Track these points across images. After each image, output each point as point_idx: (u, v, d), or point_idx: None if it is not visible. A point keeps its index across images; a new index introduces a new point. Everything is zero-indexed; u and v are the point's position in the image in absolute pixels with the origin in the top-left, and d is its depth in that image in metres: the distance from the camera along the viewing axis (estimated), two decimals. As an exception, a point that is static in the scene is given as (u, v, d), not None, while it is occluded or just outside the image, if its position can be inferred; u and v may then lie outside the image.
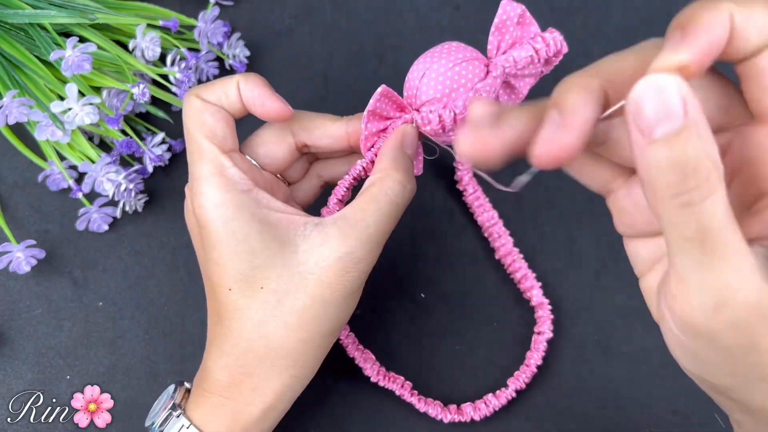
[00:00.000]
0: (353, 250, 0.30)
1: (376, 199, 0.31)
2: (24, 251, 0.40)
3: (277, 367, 0.31)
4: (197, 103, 0.32)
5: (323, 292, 0.30)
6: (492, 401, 0.40)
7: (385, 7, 0.46)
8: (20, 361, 0.41)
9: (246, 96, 0.32)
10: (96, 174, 0.39)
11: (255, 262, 0.30)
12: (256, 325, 0.30)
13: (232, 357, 0.31)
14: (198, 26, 0.41)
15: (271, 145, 0.34)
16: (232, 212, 0.30)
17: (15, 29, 0.39)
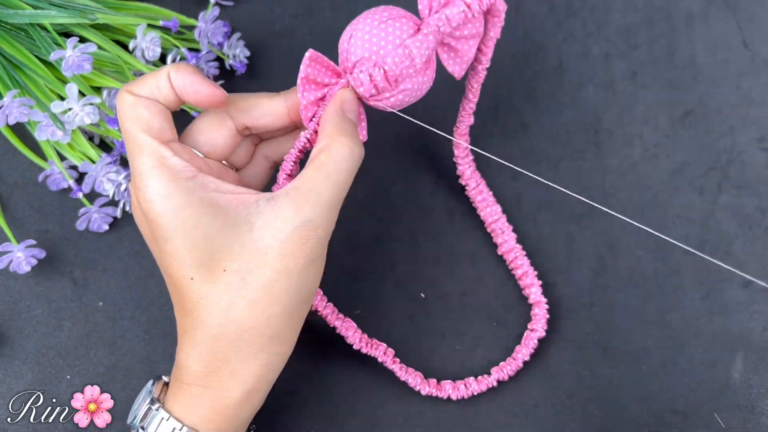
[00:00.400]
0: (309, 218, 0.30)
1: (325, 166, 0.30)
2: (24, 251, 0.40)
3: (253, 348, 0.30)
4: (129, 99, 0.31)
5: (286, 263, 0.30)
6: (472, 385, 0.40)
7: (385, 8, 0.46)
8: (20, 361, 0.41)
9: (178, 85, 0.31)
10: (96, 174, 0.39)
11: (212, 247, 0.30)
12: (224, 310, 0.30)
13: (205, 346, 0.31)
14: (198, 26, 0.41)
15: (210, 131, 0.33)
16: (180, 201, 0.30)
17: (15, 29, 0.39)
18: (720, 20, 0.45)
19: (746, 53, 0.45)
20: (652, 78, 0.45)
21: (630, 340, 0.41)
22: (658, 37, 0.45)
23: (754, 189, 0.43)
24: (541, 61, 0.45)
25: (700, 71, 0.45)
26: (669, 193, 0.43)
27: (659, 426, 0.40)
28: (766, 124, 0.44)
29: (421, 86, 0.32)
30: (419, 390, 0.39)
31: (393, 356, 0.40)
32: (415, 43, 0.30)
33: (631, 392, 0.41)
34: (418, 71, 0.31)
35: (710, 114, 0.44)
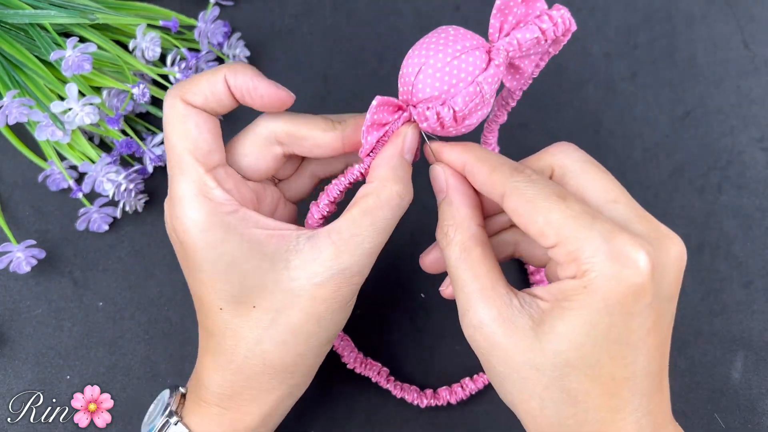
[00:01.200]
0: (347, 266, 0.29)
1: (372, 213, 0.29)
2: (24, 251, 0.40)
3: (275, 380, 0.31)
4: (181, 108, 0.30)
5: (317, 308, 0.29)
6: (468, 385, 0.40)
7: (385, 7, 0.46)
8: (20, 361, 0.41)
9: (237, 88, 0.30)
10: (96, 174, 0.39)
11: (245, 283, 0.29)
12: (251, 344, 0.30)
13: (228, 372, 0.31)
14: (198, 26, 0.41)
15: (256, 156, 0.32)
16: (219, 236, 0.29)
17: (15, 29, 0.39)
18: (720, 20, 0.45)
19: (746, 53, 0.45)
20: (652, 78, 0.45)
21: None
22: (658, 37, 0.45)
23: (754, 189, 0.43)
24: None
25: (700, 71, 0.45)
26: (669, 193, 0.43)
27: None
28: (766, 124, 0.44)
29: (483, 117, 0.31)
30: (417, 404, 0.39)
31: (387, 375, 0.40)
32: (486, 78, 0.29)
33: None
34: (486, 104, 0.30)
35: (710, 114, 0.44)
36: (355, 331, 0.40)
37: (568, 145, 0.30)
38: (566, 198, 0.27)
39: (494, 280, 0.28)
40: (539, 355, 0.26)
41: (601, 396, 0.26)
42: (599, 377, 0.26)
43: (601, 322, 0.26)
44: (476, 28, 0.45)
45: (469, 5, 0.46)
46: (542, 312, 0.27)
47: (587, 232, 0.26)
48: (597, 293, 0.25)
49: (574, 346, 0.26)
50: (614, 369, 0.26)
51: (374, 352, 0.41)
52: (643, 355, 0.27)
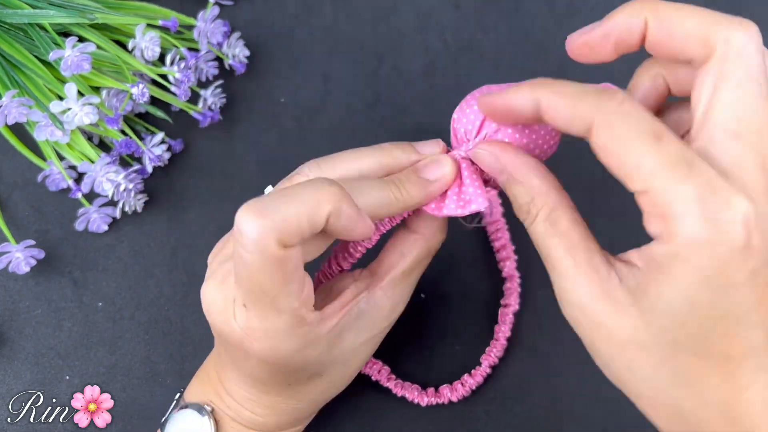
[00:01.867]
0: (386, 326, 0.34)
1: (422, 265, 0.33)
2: (23, 251, 0.40)
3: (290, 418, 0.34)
4: (276, 253, 0.25)
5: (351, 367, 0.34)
6: (468, 381, 0.40)
7: (385, 7, 0.46)
8: (20, 361, 0.41)
9: (336, 228, 0.27)
10: (95, 174, 0.39)
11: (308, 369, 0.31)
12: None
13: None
14: (197, 26, 0.41)
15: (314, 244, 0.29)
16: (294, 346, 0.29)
17: (14, 29, 0.39)
18: (720, 20, 0.45)
19: (746, 53, 0.45)
20: (652, 78, 0.44)
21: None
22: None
23: (754, 189, 0.43)
24: (541, 61, 0.45)
25: (701, 71, 0.45)
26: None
27: (659, 426, 0.40)
28: (766, 124, 0.44)
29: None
30: (418, 403, 0.39)
31: (388, 374, 0.40)
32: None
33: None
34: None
35: (710, 114, 0.44)
36: (355, 332, 0.40)
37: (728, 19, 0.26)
38: (662, 137, 0.23)
39: (589, 253, 0.26)
40: (643, 333, 0.24)
41: (718, 376, 0.24)
42: (711, 356, 0.24)
43: (701, 297, 0.23)
44: (476, 28, 0.45)
45: (469, 5, 0.46)
46: (640, 284, 0.24)
47: (680, 186, 0.22)
48: (690, 263, 0.23)
49: (678, 324, 0.23)
50: (727, 347, 0.23)
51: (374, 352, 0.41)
52: (760, 329, 0.23)
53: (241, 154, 0.44)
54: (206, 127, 0.43)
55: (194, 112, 0.42)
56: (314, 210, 0.26)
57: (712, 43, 0.24)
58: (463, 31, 0.45)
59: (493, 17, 0.45)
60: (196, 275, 0.42)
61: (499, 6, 0.45)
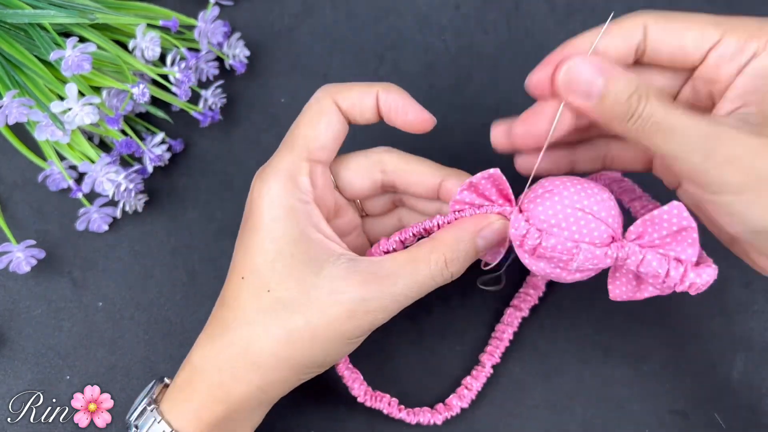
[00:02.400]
0: (369, 299, 0.30)
1: (415, 264, 0.30)
2: (24, 251, 0.40)
3: (246, 373, 0.31)
4: (327, 104, 0.32)
5: (319, 322, 0.30)
6: (472, 384, 0.40)
7: (385, 7, 0.46)
8: (20, 361, 0.41)
9: (387, 105, 0.32)
10: (96, 174, 0.39)
11: (275, 264, 0.30)
12: (246, 323, 0.30)
13: (216, 346, 0.31)
14: (198, 26, 0.41)
15: (357, 174, 0.33)
16: (282, 213, 0.30)
17: (15, 29, 0.39)
18: (720, 20, 0.45)
19: (746, 53, 0.45)
20: (652, 78, 0.45)
21: (630, 340, 0.41)
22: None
23: (754, 189, 0.43)
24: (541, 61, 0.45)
25: (701, 71, 0.45)
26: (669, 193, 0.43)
27: (659, 426, 0.40)
28: (766, 123, 0.44)
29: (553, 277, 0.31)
30: (434, 423, 0.39)
31: (398, 404, 0.39)
32: (592, 255, 0.29)
33: (631, 392, 0.41)
34: (569, 272, 0.30)
35: (710, 114, 0.44)
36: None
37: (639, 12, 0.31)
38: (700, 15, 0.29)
39: (702, 116, 0.28)
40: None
41: None
42: None
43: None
44: (476, 28, 0.46)
45: (469, 5, 0.46)
46: (754, 113, 0.28)
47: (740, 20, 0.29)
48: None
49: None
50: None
51: (374, 352, 0.41)
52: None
53: (241, 154, 0.44)
54: (206, 127, 0.43)
55: (194, 112, 0.42)
56: (366, 86, 0.32)
57: None
58: (463, 31, 0.45)
59: (493, 17, 0.45)
60: (196, 275, 0.42)
61: (499, 6, 0.45)
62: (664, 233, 0.29)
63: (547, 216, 0.29)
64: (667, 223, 0.28)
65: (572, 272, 0.30)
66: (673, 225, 0.28)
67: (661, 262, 0.29)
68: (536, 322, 0.42)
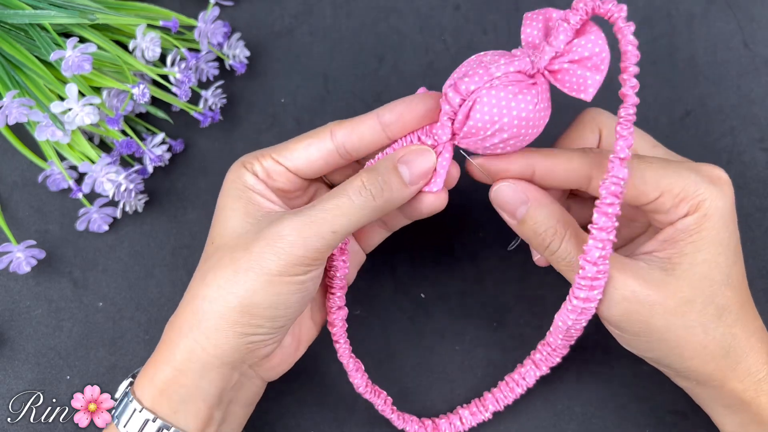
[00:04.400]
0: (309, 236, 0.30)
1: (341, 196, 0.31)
2: (24, 251, 0.40)
3: (189, 328, 0.31)
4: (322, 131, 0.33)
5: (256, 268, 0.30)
6: (467, 419, 0.39)
7: (385, 7, 0.46)
8: (20, 361, 0.41)
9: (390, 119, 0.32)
10: (96, 174, 0.39)
11: (234, 230, 0.32)
12: (196, 282, 0.32)
13: (176, 314, 0.33)
14: (198, 26, 0.41)
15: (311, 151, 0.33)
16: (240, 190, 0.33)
17: (15, 29, 0.39)
18: (720, 20, 0.45)
19: (746, 53, 0.45)
20: (652, 78, 0.45)
21: (630, 340, 0.41)
22: (658, 37, 0.45)
23: (754, 189, 0.43)
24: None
25: (700, 71, 0.45)
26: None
27: (659, 426, 0.40)
28: (766, 124, 0.44)
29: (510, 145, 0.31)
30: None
31: (392, 404, 0.39)
32: (536, 110, 0.30)
33: (631, 392, 0.41)
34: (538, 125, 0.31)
35: (710, 114, 0.44)
36: (355, 332, 0.40)
37: (598, 109, 0.35)
38: (643, 157, 0.31)
39: (615, 256, 0.31)
40: (687, 290, 0.30)
41: (740, 300, 0.31)
42: (734, 285, 0.31)
43: (724, 237, 0.31)
44: (476, 28, 0.45)
45: (469, 5, 0.46)
46: (666, 259, 0.31)
47: (681, 173, 0.31)
48: (716, 215, 0.30)
49: (713, 266, 0.30)
50: (739, 274, 0.32)
51: (374, 352, 0.41)
52: (741, 257, 0.32)
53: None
54: (207, 128, 0.44)
55: (195, 113, 0.42)
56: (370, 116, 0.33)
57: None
58: (463, 31, 0.45)
59: (493, 17, 0.45)
60: (196, 275, 0.42)
61: (499, 6, 0.45)
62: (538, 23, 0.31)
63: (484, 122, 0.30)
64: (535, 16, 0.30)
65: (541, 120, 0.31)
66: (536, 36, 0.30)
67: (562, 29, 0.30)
68: (535, 322, 0.42)
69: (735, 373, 0.31)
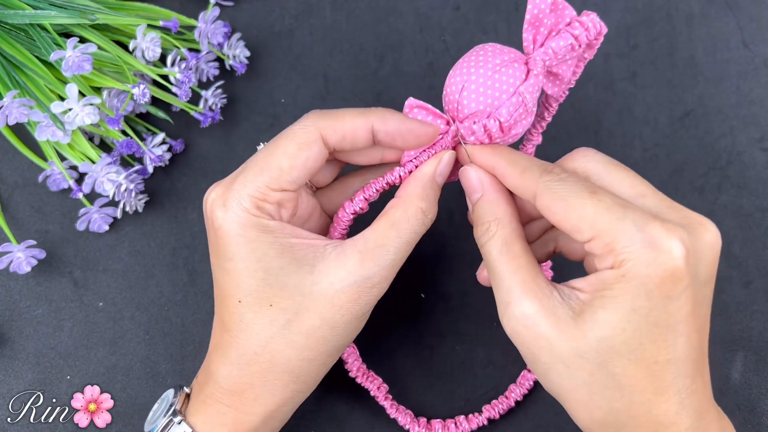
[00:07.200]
0: (370, 275, 0.30)
1: (398, 225, 0.31)
2: (24, 251, 0.40)
3: (280, 381, 0.31)
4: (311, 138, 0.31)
5: (333, 314, 0.30)
6: (462, 424, 0.39)
7: (385, 7, 0.46)
8: (20, 361, 0.41)
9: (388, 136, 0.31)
10: (96, 174, 0.39)
11: (268, 280, 0.30)
12: (262, 341, 0.31)
13: (236, 367, 0.31)
14: (198, 27, 0.41)
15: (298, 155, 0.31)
16: (254, 234, 0.30)
17: (15, 30, 0.39)
18: (720, 20, 0.45)
19: (746, 53, 0.45)
20: (652, 78, 0.45)
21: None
22: (658, 37, 0.45)
23: (753, 189, 0.43)
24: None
25: (700, 71, 0.45)
26: (669, 193, 0.43)
27: None
28: (766, 124, 0.44)
29: (528, 126, 0.32)
30: (408, 429, 0.39)
31: (386, 392, 0.39)
32: (528, 89, 0.30)
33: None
34: (529, 113, 0.31)
35: (710, 114, 0.44)
36: (355, 331, 0.40)
37: (588, 150, 0.31)
38: (597, 192, 0.28)
39: (535, 274, 0.29)
40: (583, 343, 0.27)
41: (645, 379, 0.27)
42: (642, 360, 0.27)
43: (641, 306, 0.26)
44: (476, 28, 0.46)
45: (469, 5, 0.46)
46: (582, 302, 0.28)
47: (620, 223, 0.27)
48: (635, 280, 0.26)
49: (617, 332, 0.27)
50: (656, 352, 0.27)
51: (374, 352, 0.41)
52: (684, 338, 0.27)
53: (241, 154, 0.44)
54: (207, 127, 0.44)
55: (195, 113, 0.43)
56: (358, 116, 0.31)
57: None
58: (463, 31, 0.45)
59: (493, 17, 0.45)
60: (196, 275, 0.42)
61: (499, 6, 0.46)
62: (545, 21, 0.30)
63: (478, 103, 0.30)
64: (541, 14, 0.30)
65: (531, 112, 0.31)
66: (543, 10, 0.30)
67: (563, 36, 0.30)
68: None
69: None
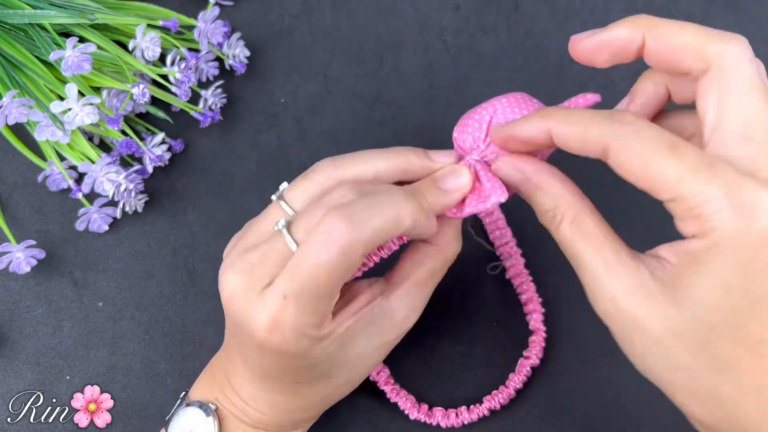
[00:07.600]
0: (394, 340, 0.33)
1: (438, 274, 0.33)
2: (24, 251, 0.40)
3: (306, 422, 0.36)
4: (356, 261, 0.28)
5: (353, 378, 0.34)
6: (463, 413, 0.40)
7: (385, 7, 0.46)
8: (20, 361, 0.41)
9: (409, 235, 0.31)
10: (96, 174, 0.39)
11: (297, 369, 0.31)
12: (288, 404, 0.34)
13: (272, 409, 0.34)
14: (198, 26, 0.41)
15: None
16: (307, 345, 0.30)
17: (15, 29, 0.39)
18: (720, 20, 0.45)
19: (746, 53, 0.45)
20: (652, 78, 0.45)
21: (630, 340, 0.41)
22: (658, 37, 0.45)
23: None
24: (540, 62, 0.45)
25: (700, 71, 0.45)
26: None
27: (659, 426, 0.40)
28: (766, 124, 0.44)
29: None
30: (408, 414, 0.39)
31: (387, 377, 0.39)
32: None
33: (631, 392, 0.41)
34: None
35: (710, 114, 0.44)
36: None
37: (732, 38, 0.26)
38: (678, 147, 0.24)
39: (616, 251, 0.27)
40: (679, 323, 0.25)
41: (752, 360, 0.25)
42: (745, 340, 0.25)
43: (738, 282, 0.24)
44: (476, 28, 0.46)
45: (470, 5, 0.46)
46: (672, 276, 0.25)
47: (706, 187, 0.24)
48: (728, 253, 0.24)
49: (714, 310, 0.24)
50: (760, 330, 0.24)
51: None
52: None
53: (241, 154, 0.44)
54: (206, 127, 0.44)
55: (195, 112, 0.42)
56: (397, 224, 0.28)
57: (707, 57, 0.26)
58: (463, 31, 0.45)
59: (493, 17, 0.45)
60: (196, 275, 0.42)
61: (499, 6, 0.45)
62: None
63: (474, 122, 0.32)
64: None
65: None
66: None
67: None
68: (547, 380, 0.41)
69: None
